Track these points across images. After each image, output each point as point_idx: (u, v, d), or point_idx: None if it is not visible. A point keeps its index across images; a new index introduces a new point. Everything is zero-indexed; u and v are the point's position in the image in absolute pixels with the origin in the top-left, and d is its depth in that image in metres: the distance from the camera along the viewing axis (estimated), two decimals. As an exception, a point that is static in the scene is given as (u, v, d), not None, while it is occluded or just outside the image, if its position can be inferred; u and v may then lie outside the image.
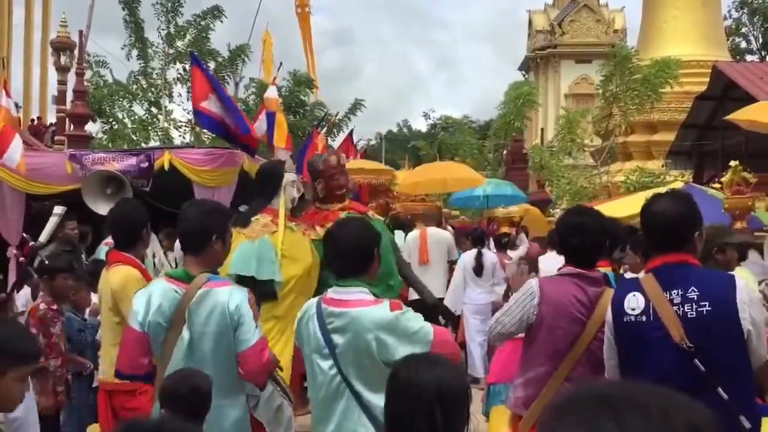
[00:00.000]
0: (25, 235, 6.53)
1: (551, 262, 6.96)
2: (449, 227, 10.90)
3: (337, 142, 15.06)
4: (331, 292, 2.81)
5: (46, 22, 16.56)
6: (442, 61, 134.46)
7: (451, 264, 8.19)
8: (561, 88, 35.72)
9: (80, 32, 12.82)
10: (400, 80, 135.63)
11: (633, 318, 2.62)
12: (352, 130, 14.55)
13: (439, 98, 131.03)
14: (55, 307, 4.42)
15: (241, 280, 3.88)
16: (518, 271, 6.50)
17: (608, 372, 2.81)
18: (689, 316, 2.53)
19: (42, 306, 4.36)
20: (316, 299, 2.88)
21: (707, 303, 2.52)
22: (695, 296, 2.53)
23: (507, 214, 13.42)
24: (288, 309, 4.18)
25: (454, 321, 7.35)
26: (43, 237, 5.47)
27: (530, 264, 6.86)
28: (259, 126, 8.28)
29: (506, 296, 6.55)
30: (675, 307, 2.55)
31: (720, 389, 2.46)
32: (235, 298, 2.86)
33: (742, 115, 7.46)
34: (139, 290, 3.10)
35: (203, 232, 2.99)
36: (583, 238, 3.06)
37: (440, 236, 7.97)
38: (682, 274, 2.61)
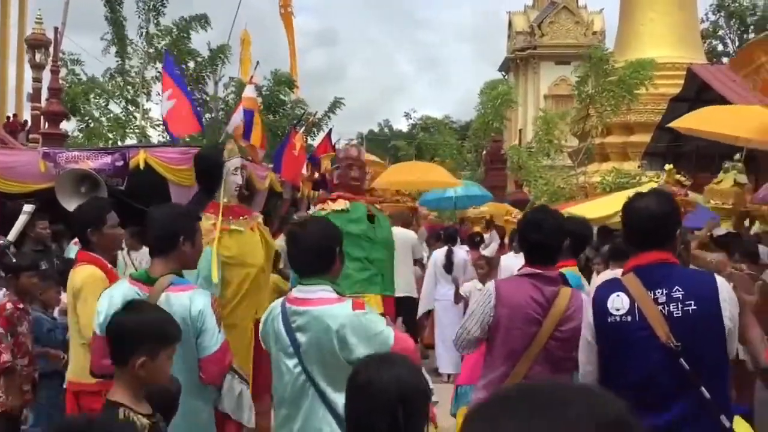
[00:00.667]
0: None
1: (512, 261, 7.10)
2: (423, 228, 11.08)
3: (316, 142, 15.06)
4: (295, 291, 2.84)
5: (22, 20, 16.39)
6: (425, 62, 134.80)
7: (417, 263, 8.42)
8: (540, 89, 35.97)
9: (56, 29, 12.70)
10: (383, 80, 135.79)
11: (618, 318, 2.60)
12: (330, 129, 14.52)
13: (421, 99, 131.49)
14: (21, 306, 4.39)
15: None
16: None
17: (582, 371, 2.83)
18: (675, 315, 2.53)
19: (8, 305, 4.33)
20: (281, 299, 2.91)
21: (693, 302, 2.53)
22: (680, 295, 2.54)
23: (479, 214, 13.60)
24: (242, 315, 4.07)
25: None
26: (11, 235, 5.42)
27: (490, 262, 7.02)
28: (234, 119, 8.27)
29: (456, 294, 6.79)
30: (660, 307, 2.54)
31: (703, 388, 2.47)
32: (198, 302, 2.84)
33: (682, 123, 7.53)
34: (101, 290, 3.09)
35: (171, 233, 2.96)
36: (542, 237, 3.11)
37: (405, 236, 8.11)
38: (665, 273, 2.61)
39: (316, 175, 10.85)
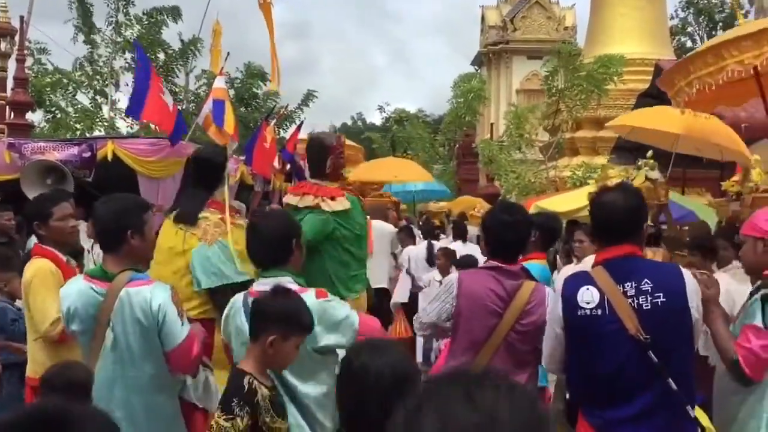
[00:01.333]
0: None
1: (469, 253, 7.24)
2: (404, 221, 11.55)
3: (288, 134, 14.99)
4: (257, 284, 2.84)
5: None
6: (399, 56, 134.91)
7: (392, 255, 8.64)
8: (512, 83, 36.14)
9: (21, 18, 12.45)
10: (357, 73, 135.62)
11: (588, 311, 2.62)
12: (302, 122, 14.47)
13: (394, 92, 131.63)
14: None
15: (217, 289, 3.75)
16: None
17: (547, 362, 2.86)
18: (644, 308, 2.56)
19: None
20: (242, 293, 2.90)
21: (661, 294, 2.57)
22: (649, 288, 2.57)
23: (440, 209, 13.93)
24: None
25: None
26: None
27: (447, 254, 7.17)
28: (204, 110, 8.17)
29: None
30: (629, 300, 2.57)
31: (670, 380, 2.51)
32: (158, 297, 2.80)
33: (621, 121, 7.67)
34: (51, 284, 3.05)
35: (117, 229, 2.90)
36: (506, 233, 3.15)
37: (384, 229, 8.23)
38: (633, 266, 2.65)
39: (288, 166, 10.80)
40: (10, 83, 12.39)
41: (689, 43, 37.10)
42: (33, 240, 5.11)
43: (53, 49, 19.57)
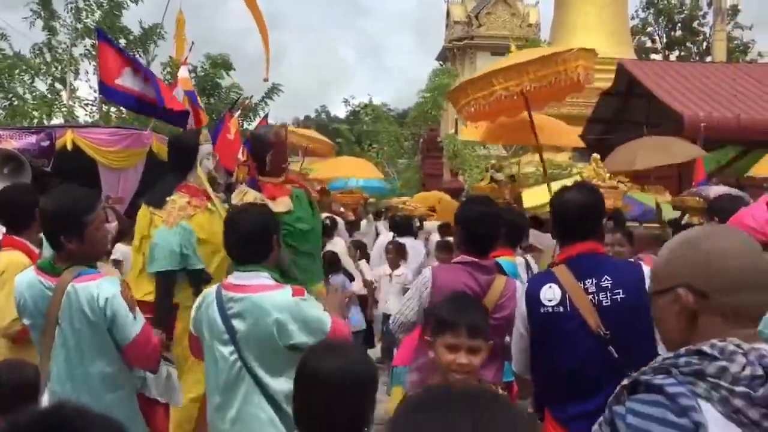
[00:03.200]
0: None
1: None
2: (370, 215, 12.07)
3: (252, 126, 14.85)
4: (231, 278, 2.81)
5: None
6: (365, 50, 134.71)
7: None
8: (477, 79, 36.38)
9: (-23, 1, 12.11)
10: (322, 67, 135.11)
11: (550, 309, 2.67)
12: (267, 114, 14.36)
13: (359, 86, 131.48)
14: None
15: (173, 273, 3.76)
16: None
17: (515, 360, 2.88)
18: (604, 304, 2.61)
19: None
20: (215, 286, 2.87)
21: (621, 291, 2.61)
22: (609, 284, 2.62)
23: (400, 203, 14.55)
24: None
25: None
26: None
27: (398, 249, 7.31)
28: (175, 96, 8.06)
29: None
30: (590, 296, 2.62)
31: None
32: (105, 291, 2.71)
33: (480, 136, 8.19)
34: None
35: (53, 232, 2.82)
36: (481, 227, 3.16)
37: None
38: (594, 263, 2.69)
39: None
40: (-36, 69, 12.05)
41: (648, 43, 37.84)
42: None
43: (12, 35, 18.95)
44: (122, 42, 19.28)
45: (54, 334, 2.77)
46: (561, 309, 2.66)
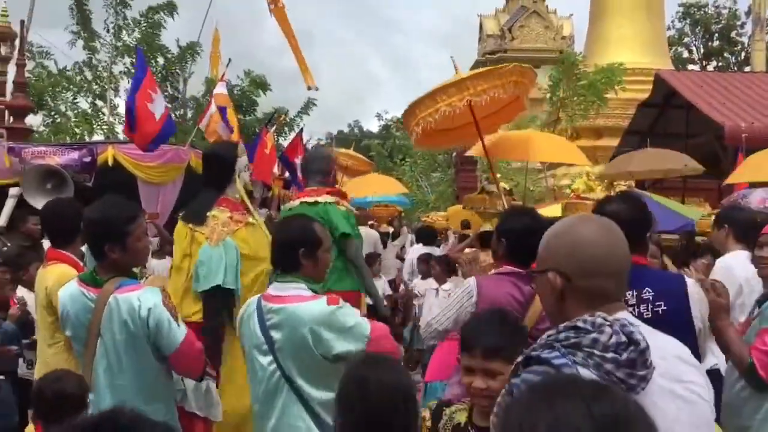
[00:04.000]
0: None
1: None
2: (405, 228, 12.43)
3: (287, 141, 15.00)
4: (271, 289, 2.83)
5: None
6: (397, 64, 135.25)
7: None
8: (510, 92, 36.21)
9: (21, 22, 12.43)
10: (355, 82, 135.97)
11: None
12: (302, 129, 14.50)
13: (392, 100, 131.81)
14: None
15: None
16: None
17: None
18: (645, 316, 2.54)
19: None
20: (256, 297, 2.88)
21: (663, 302, 2.55)
22: (650, 296, 2.56)
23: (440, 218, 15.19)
24: None
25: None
26: (1, 220, 5.21)
27: (440, 263, 7.32)
28: (206, 116, 8.19)
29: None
30: (630, 308, 2.51)
31: None
32: (147, 301, 2.74)
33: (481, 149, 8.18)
34: None
35: (97, 241, 2.85)
36: (529, 237, 3.11)
37: (368, 234, 8.90)
38: (636, 275, 2.57)
39: (286, 173, 10.82)
40: (9, 87, 12.35)
41: (686, 54, 37.37)
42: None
43: (54, 53, 19.43)
44: (161, 60, 19.71)
45: (96, 346, 2.80)
46: None
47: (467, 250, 6.50)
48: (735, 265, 4.17)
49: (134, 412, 0.98)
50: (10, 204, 5.40)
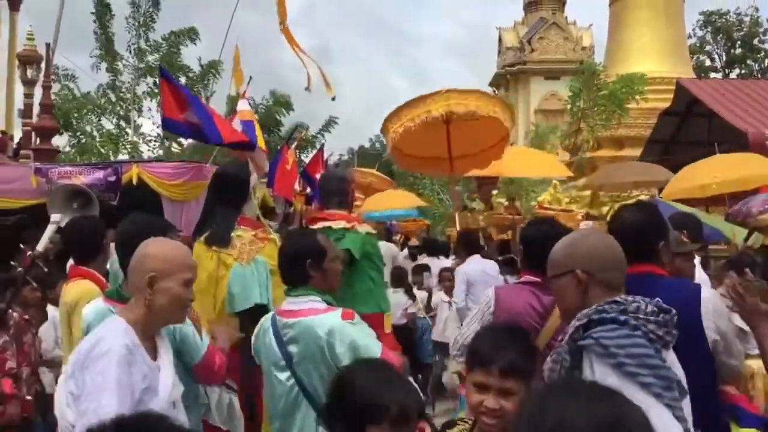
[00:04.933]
0: (21, 245, 6.42)
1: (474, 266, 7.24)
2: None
3: (308, 158, 15.10)
4: (285, 304, 2.85)
5: (13, 36, 16.38)
6: (416, 78, 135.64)
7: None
8: (531, 103, 36.16)
9: (47, 45, 12.68)
10: (375, 96, 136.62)
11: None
12: (323, 145, 14.61)
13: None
14: (27, 316, 4.38)
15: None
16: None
17: None
18: None
19: (15, 315, 4.31)
20: (270, 313, 2.91)
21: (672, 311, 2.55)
22: None
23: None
24: None
25: None
26: (41, 246, 5.28)
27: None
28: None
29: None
30: None
31: None
32: None
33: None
34: None
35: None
36: (549, 246, 3.10)
37: (387, 247, 8.63)
38: (649, 284, 2.59)
39: (308, 189, 10.88)
40: (36, 109, 12.60)
41: (708, 62, 37.03)
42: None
43: (79, 76, 19.85)
44: (182, 80, 20.02)
45: None
46: None
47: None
48: None
49: (160, 415, 1.02)
50: (50, 230, 5.47)
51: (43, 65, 12.85)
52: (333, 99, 10.37)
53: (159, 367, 2.32)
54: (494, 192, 12.51)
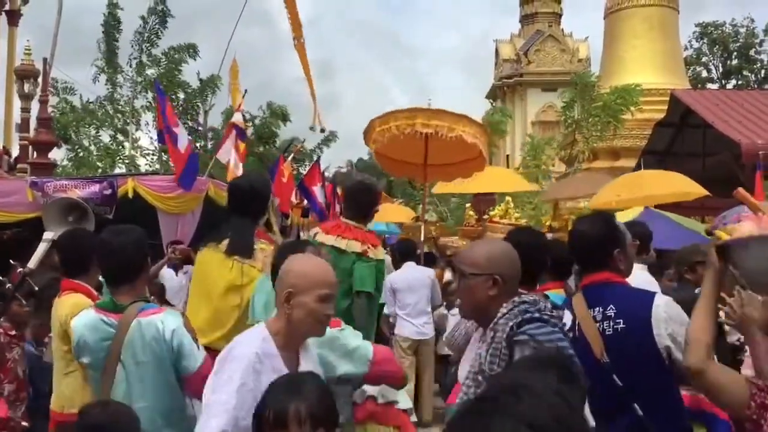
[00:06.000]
0: (12, 261, 6.42)
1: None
2: None
3: (305, 169, 15.17)
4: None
5: (11, 51, 16.46)
6: (416, 90, 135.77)
7: None
8: (528, 115, 36.30)
9: (44, 60, 12.75)
10: (375, 108, 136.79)
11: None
12: (319, 157, 14.68)
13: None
14: (13, 332, 4.37)
15: None
16: None
17: None
18: (607, 333, 2.63)
19: None
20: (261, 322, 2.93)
21: (621, 320, 2.61)
22: (612, 314, 2.64)
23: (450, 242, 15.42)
24: None
25: None
26: (32, 263, 5.30)
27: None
28: (226, 146, 8.38)
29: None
30: (597, 324, 2.65)
31: (636, 405, 2.53)
32: (170, 324, 2.81)
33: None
34: None
35: (140, 260, 2.95)
36: (525, 257, 3.14)
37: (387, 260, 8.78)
38: (606, 292, 2.72)
39: (304, 201, 10.92)
40: (32, 123, 12.65)
41: (704, 73, 37.22)
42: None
43: (78, 89, 19.94)
44: (181, 95, 20.11)
45: (115, 371, 2.83)
46: (571, 335, 2.66)
47: None
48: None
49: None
50: (42, 248, 5.49)
51: (40, 79, 12.91)
52: (311, 129, 10.63)
53: None
54: (491, 209, 13.10)
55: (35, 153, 11.31)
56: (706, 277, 2.32)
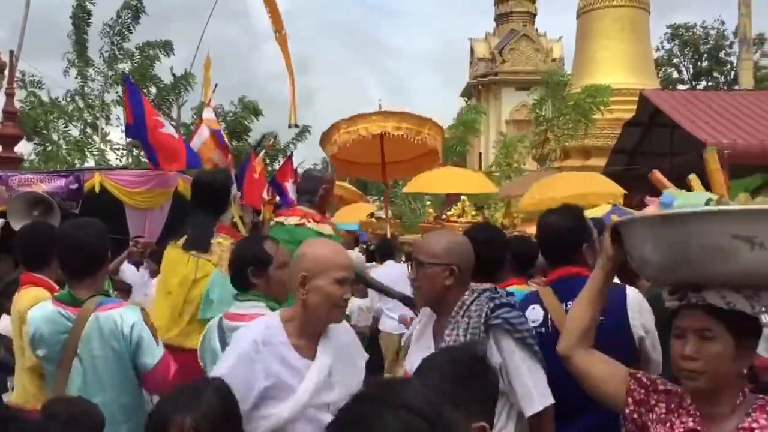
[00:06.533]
0: None
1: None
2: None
3: (277, 166, 15.11)
4: (232, 308, 2.87)
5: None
6: (392, 88, 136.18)
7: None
8: (502, 114, 36.50)
9: (11, 52, 12.53)
10: (351, 106, 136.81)
11: (534, 330, 2.65)
12: (291, 153, 14.61)
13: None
14: None
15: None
16: None
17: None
18: None
19: None
20: (219, 316, 2.94)
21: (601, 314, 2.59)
22: None
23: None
24: None
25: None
26: None
27: None
28: (200, 135, 8.32)
29: None
30: None
31: None
32: (129, 319, 2.79)
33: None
34: None
35: (103, 253, 2.94)
36: (487, 252, 3.16)
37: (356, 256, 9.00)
38: (577, 285, 2.59)
39: (276, 197, 10.89)
40: (-1, 117, 12.44)
41: (675, 74, 37.74)
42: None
43: (46, 83, 19.57)
44: (153, 90, 19.87)
45: (71, 365, 2.81)
46: (543, 330, 2.69)
47: None
48: None
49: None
50: None
51: (6, 72, 12.70)
52: (290, 126, 10.72)
53: (308, 366, 2.34)
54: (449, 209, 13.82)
55: (1, 147, 11.11)
56: (597, 264, 2.19)
